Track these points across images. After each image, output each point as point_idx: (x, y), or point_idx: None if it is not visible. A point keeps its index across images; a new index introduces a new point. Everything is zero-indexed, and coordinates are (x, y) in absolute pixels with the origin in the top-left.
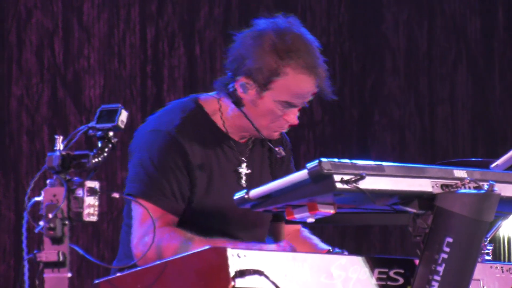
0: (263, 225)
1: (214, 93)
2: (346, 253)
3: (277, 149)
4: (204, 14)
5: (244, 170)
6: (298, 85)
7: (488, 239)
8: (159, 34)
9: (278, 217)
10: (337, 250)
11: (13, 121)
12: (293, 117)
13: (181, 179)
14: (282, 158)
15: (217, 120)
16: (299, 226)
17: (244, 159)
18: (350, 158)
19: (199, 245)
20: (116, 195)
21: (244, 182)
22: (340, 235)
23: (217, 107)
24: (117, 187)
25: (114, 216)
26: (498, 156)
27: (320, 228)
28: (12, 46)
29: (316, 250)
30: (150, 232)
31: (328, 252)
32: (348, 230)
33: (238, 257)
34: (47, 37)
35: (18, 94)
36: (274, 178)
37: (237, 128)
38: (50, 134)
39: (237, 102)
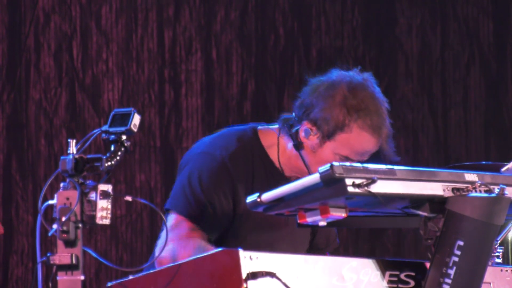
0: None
1: (274, 126)
2: None
3: None
4: (220, 18)
5: None
6: (361, 143)
7: (499, 242)
8: (176, 38)
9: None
10: None
11: (31, 124)
12: None
13: (224, 206)
14: None
15: (273, 154)
16: None
17: None
18: (364, 162)
19: None
20: (128, 198)
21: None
22: (353, 237)
23: (275, 141)
24: (135, 189)
25: (133, 218)
26: (510, 160)
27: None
28: (30, 50)
29: None
30: (175, 240)
31: None
32: (361, 233)
33: (250, 259)
34: (65, 41)
35: (36, 97)
36: None
37: (291, 166)
38: (69, 137)
39: (298, 145)
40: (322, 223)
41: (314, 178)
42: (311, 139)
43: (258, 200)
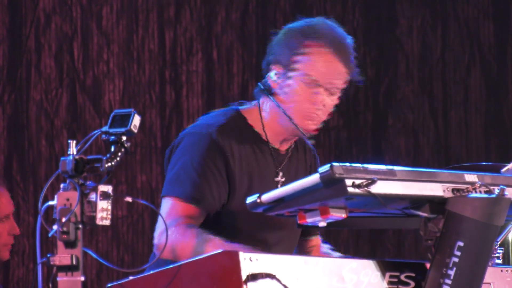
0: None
1: (254, 102)
2: None
3: (308, 136)
4: (221, 19)
5: (280, 179)
6: (324, 61)
7: (499, 243)
8: (177, 39)
9: (305, 233)
10: None
11: (32, 125)
12: (320, 100)
13: (219, 181)
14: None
15: (257, 126)
16: (319, 241)
17: (280, 168)
18: (365, 162)
19: (214, 247)
20: (129, 199)
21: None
22: (354, 238)
23: (257, 113)
24: (137, 190)
25: (134, 219)
26: (511, 160)
27: (336, 231)
28: (31, 51)
29: None
30: (173, 226)
31: None
32: (362, 234)
33: (250, 261)
34: (66, 42)
35: (37, 98)
36: None
37: (276, 131)
38: (70, 138)
39: (269, 90)
40: (322, 224)
41: (314, 178)
42: (278, 80)
43: (258, 200)
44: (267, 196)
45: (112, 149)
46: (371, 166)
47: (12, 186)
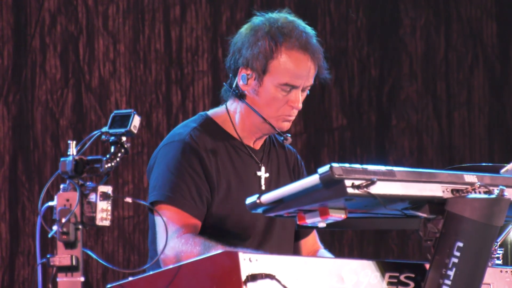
0: (284, 229)
1: (221, 105)
2: None
3: (284, 135)
4: (226, 19)
5: (263, 173)
6: (295, 64)
7: (498, 243)
8: (183, 39)
9: (298, 236)
10: None
11: (37, 125)
12: (296, 101)
13: (199, 183)
14: (299, 174)
15: (229, 128)
16: (319, 246)
17: (262, 163)
18: (369, 162)
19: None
20: (129, 199)
21: (263, 185)
22: (358, 239)
23: (226, 115)
24: (143, 190)
25: (140, 219)
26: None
27: (340, 232)
28: (36, 51)
29: None
30: (174, 237)
31: None
32: (366, 234)
33: (250, 261)
34: (72, 42)
35: (42, 99)
36: None
37: (249, 131)
38: (75, 138)
39: (240, 95)
40: (322, 225)
41: (313, 179)
42: (250, 84)
43: (258, 201)
44: (266, 197)
45: (112, 149)
46: (371, 167)
47: (17, 186)
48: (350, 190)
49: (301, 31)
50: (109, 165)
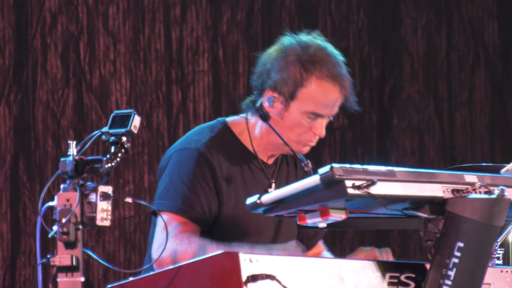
0: (289, 239)
1: (241, 115)
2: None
3: (305, 162)
4: (227, 19)
5: (273, 190)
6: (323, 94)
7: (499, 243)
8: (183, 39)
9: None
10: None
11: (38, 125)
12: (320, 129)
13: (209, 196)
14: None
15: (245, 140)
16: (321, 249)
17: (273, 180)
18: (370, 162)
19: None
20: (129, 199)
21: None
22: (359, 239)
23: (245, 127)
24: (144, 190)
25: (142, 219)
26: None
27: (341, 233)
28: (37, 51)
29: None
30: (170, 238)
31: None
32: (367, 235)
33: (250, 262)
34: (72, 42)
35: (43, 98)
36: None
37: (265, 147)
38: (76, 138)
39: (264, 116)
40: (322, 225)
41: (314, 179)
42: (275, 106)
43: (258, 201)
44: (267, 197)
45: (112, 149)
46: (371, 167)
47: (18, 186)
48: (350, 191)
49: (332, 61)
50: (109, 165)
